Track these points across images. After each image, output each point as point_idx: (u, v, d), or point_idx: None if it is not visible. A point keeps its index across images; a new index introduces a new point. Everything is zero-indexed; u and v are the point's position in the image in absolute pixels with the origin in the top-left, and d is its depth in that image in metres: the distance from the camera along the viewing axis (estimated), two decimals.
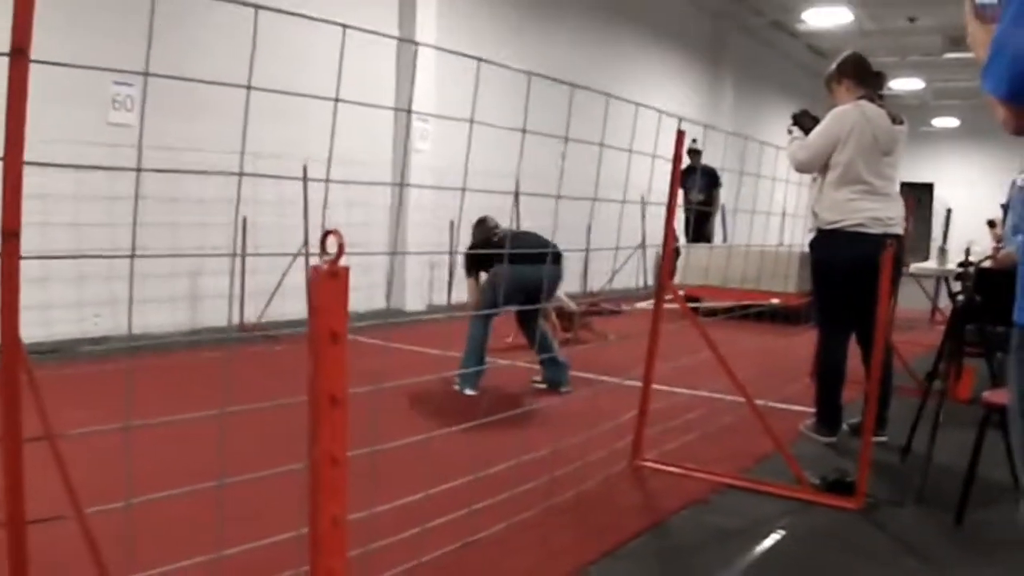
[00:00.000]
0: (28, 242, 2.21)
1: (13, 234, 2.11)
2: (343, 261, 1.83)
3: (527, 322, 6.67)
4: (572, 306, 8.73)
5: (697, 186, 13.22)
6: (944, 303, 11.10)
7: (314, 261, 1.84)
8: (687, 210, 13.77)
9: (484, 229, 6.92)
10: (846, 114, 5.30)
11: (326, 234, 1.78)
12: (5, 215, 2.11)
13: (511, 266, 6.07)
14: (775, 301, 9.49)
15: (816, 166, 5.38)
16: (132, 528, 2.35)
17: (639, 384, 4.81)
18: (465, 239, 10.50)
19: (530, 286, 6.14)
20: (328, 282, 1.79)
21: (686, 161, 13.93)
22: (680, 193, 9.79)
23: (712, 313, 9.85)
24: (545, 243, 6.27)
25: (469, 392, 6.30)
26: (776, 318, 9.24)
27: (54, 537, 2.40)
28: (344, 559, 1.85)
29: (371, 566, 3.03)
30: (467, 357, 6.36)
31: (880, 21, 19.72)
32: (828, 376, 5.48)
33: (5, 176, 2.10)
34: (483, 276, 6.77)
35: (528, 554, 3.57)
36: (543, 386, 6.58)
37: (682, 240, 13.00)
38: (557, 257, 6.45)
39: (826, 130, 5.34)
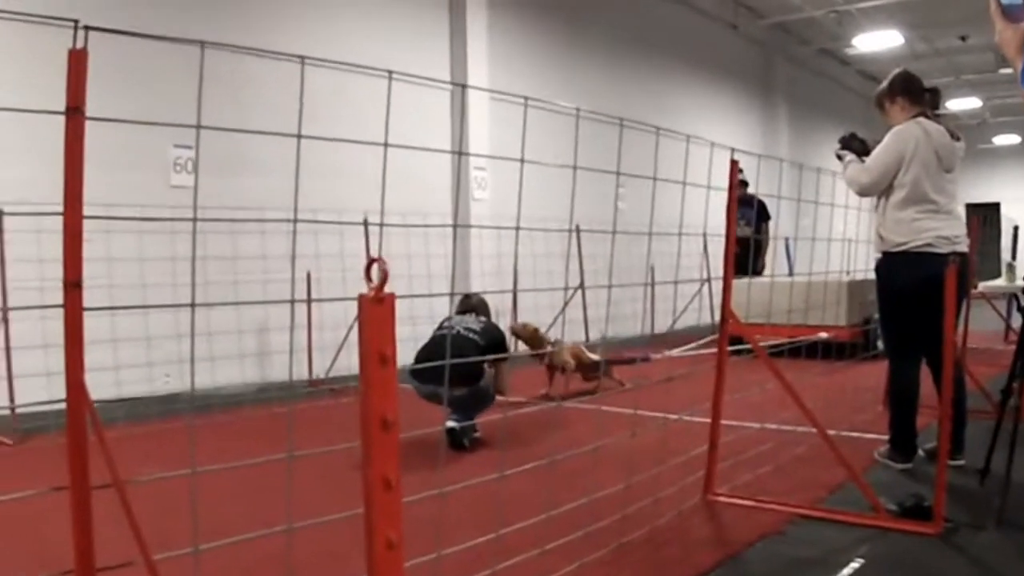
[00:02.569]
0: (94, 303, 2.28)
1: (76, 285, 2.20)
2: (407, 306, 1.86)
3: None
4: (593, 356, 8.44)
5: (745, 218, 12.84)
6: (1017, 322, 10.88)
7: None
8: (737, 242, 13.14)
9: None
10: (908, 132, 5.22)
11: (370, 262, 1.82)
12: (67, 267, 2.20)
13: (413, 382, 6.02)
14: (823, 335, 8.98)
15: (880, 188, 5.30)
16: (200, 574, 2.38)
17: (704, 420, 4.79)
18: (524, 284, 10.56)
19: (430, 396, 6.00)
20: (374, 307, 1.82)
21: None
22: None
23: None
24: (457, 345, 6.00)
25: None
26: (828, 353, 8.59)
27: None
28: None
29: None
30: None
31: (931, 42, 19.60)
32: (901, 401, 5.39)
33: (65, 229, 2.20)
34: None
35: None
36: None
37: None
38: (486, 348, 6.14)
39: (889, 150, 5.24)
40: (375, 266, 1.81)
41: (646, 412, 6.61)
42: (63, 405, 2.27)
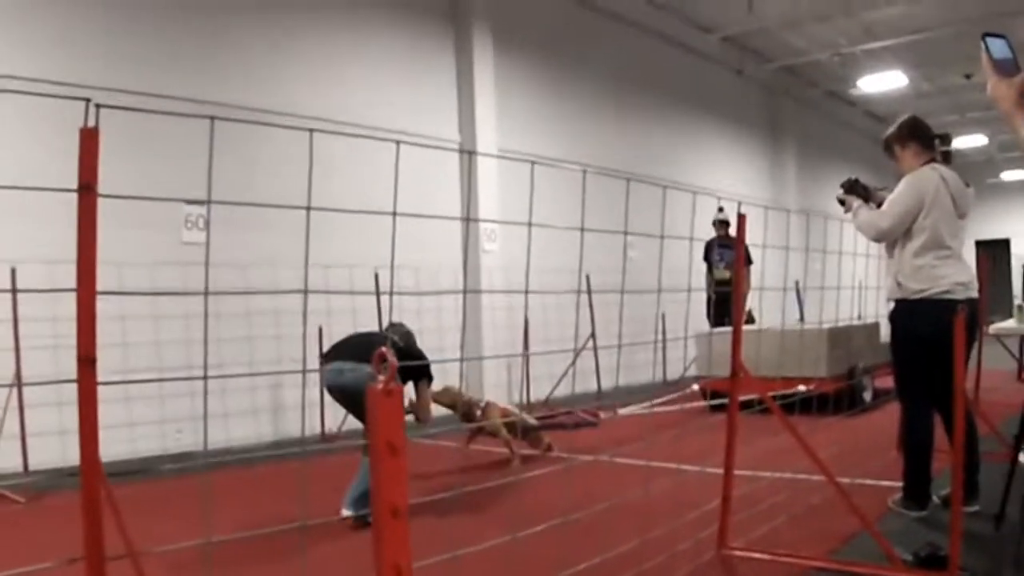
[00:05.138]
0: (108, 362, 2.31)
1: (89, 361, 2.23)
2: None
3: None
4: (531, 420, 7.90)
5: (725, 260, 12.02)
6: None
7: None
8: (711, 287, 12.00)
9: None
10: (927, 177, 5.24)
11: (378, 354, 1.88)
12: (80, 343, 2.23)
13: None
14: (802, 388, 8.51)
15: (897, 233, 5.29)
16: None
17: (716, 471, 4.78)
18: (539, 335, 10.56)
19: (333, 390, 5.81)
20: (384, 399, 1.88)
21: (712, 233, 12.40)
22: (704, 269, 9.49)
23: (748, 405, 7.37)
24: (366, 347, 5.54)
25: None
26: (806, 407, 7.60)
27: None
28: None
29: None
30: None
31: (935, 81, 19.73)
32: (915, 449, 5.36)
33: (79, 305, 2.22)
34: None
35: None
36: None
37: (704, 326, 11.39)
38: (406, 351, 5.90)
39: (909, 195, 5.24)
40: (385, 361, 1.87)
41: (658, 463, 6.59)
42: (76, 462, 2.28)
